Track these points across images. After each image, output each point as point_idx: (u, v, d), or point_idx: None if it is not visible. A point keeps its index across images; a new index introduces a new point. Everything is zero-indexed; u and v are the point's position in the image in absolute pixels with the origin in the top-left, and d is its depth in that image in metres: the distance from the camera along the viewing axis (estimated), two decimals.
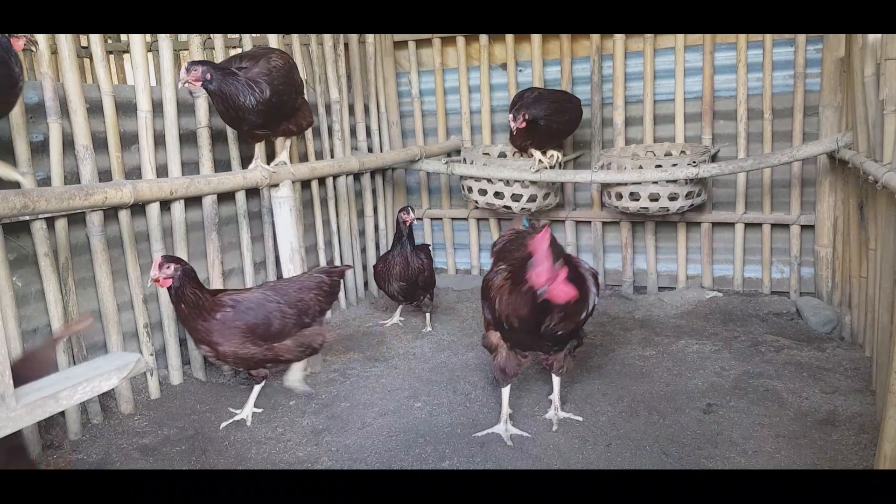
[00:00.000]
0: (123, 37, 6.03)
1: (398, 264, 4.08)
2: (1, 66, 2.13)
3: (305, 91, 3.73)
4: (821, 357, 3.52)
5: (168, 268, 2.75)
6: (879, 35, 2.93)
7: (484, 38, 4.95)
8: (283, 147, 3.68)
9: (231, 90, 3.06)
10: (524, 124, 4.09)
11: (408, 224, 4.09)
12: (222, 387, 3.49)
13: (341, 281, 3.38)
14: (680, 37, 4.48)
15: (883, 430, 2.22)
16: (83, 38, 5.29)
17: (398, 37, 5.20)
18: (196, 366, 3.56)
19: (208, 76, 3.01)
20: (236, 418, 3.08)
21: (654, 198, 4.22)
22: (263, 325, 2.92)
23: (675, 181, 4.12)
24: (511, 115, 4.12)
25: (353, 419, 3.08)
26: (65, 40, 2.91)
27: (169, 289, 2.80)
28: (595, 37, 4.67)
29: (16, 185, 2.53)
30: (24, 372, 1.67)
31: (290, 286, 3.13)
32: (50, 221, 2.90)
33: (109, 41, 6.27)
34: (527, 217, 3.50)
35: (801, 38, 4.20)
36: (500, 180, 4.52)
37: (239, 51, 3.91)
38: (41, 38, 2.75)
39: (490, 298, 2.79)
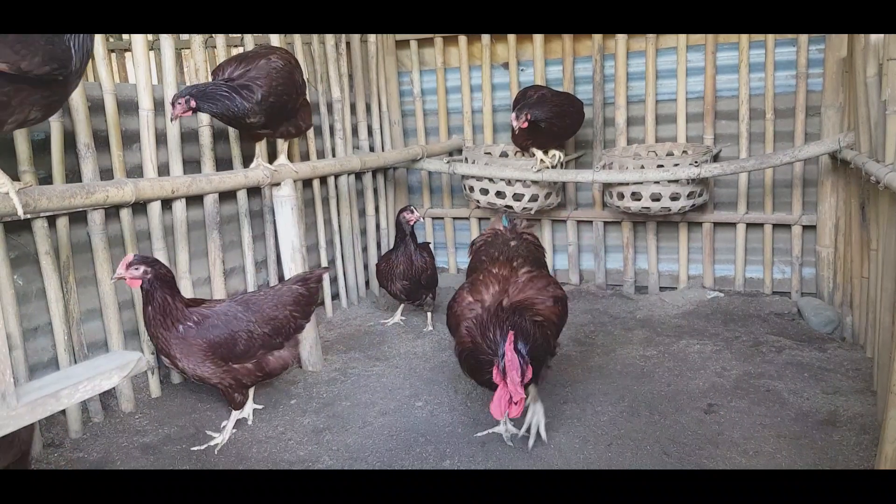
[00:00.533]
0: (125, 36, 6.03)
1: (402, 263, 4.08)
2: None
3: (307, 91, 3.73)
4: (822, 357, 3.52)
5: (137, 269, 2.65)
6: (882, 35, 2.92)
7: (486, 37, 4.94)
8: (282, 149, 3.67)
9: (219, 106, 3.03)
10: (526, 124, 4.09)
11: (411, 223, 4.09)
12: None
13: (320, 286, 3.24)
14: (682, 37, 4.47)
15: (884, 430, 2.22)
16: None
17: (400, 36, 5.19)
18: None
19: (192, 103, 2.99)
20: (211, 443, 2.89)
21: (655, 198, 4.22)
22: (227, 344, 2.79)
23: (676, 181, 4.11)
24: (514, 115, 4.12)
25: (353, 418, 3.08)
26: None
27: (141, 288, 2.71)
28: (597, 36, 4.66)
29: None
30: None
31: (266, 302, 2.96)
32: (51, 220, 2.90)
33: (111, 40, 6.28)
34: (506, 216, 3.42)
35: (804, 38, 4.19)
36: (501, 180, 4.52)
37: (241, 50, 3.92)
38: None
39: (454, 331, 2.70)
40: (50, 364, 2.98)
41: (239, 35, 4.57)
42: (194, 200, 3.51)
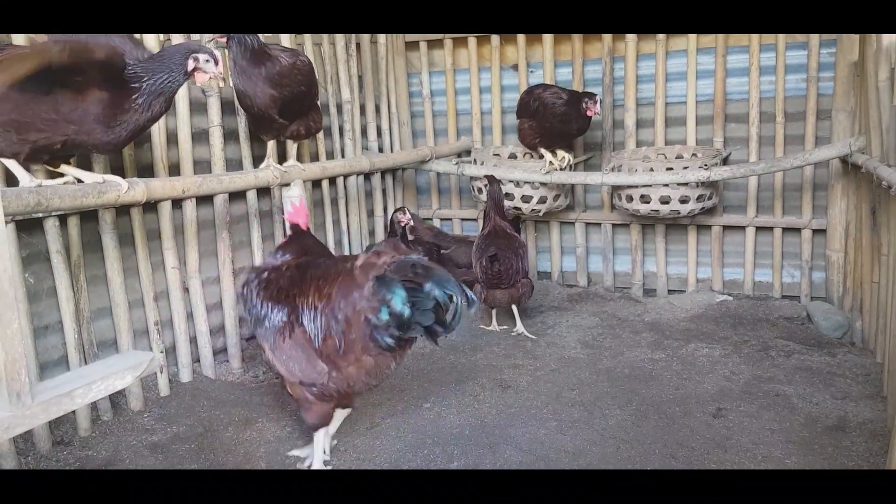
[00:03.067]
0: (136, 36, 6.04)
1: None
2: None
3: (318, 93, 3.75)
4: (831, 362, 3.50)
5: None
6: (894, 39, 2.91)
7: (496, 38, 4.94)
8: (292, 150, 3.69)
9: (244, 48, 3.12)
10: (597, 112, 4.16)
11: (403, 225, 4.10)
12: (232, 385, 3.50)
13: None
14: (692, 39, 4.46)
15: (894, 436, 2.21)
16: None
17: (410, 37, 5.20)
18: (206, 363, 3.57)
19: (223, 40, 3.13)
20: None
21: (664, 200, 4.21)
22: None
23: (686, 184, 4.10)
24: (592, 102, 4.15)
25: (361, 419, 3.08)
26: None
27: None
28: (607, 38, 4.66)
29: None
30: None
31: None
32: (62, 219, 2.92)
33: None
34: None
35: (815, 41, 4.17)
36: (510, 181, 4.52)
37: None
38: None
39: None
40: (60, 362, 2.99)
41: None
42: (204, 200, 3.53)
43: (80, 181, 2.53)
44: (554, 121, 4.25)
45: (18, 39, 2.75)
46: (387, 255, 2.29)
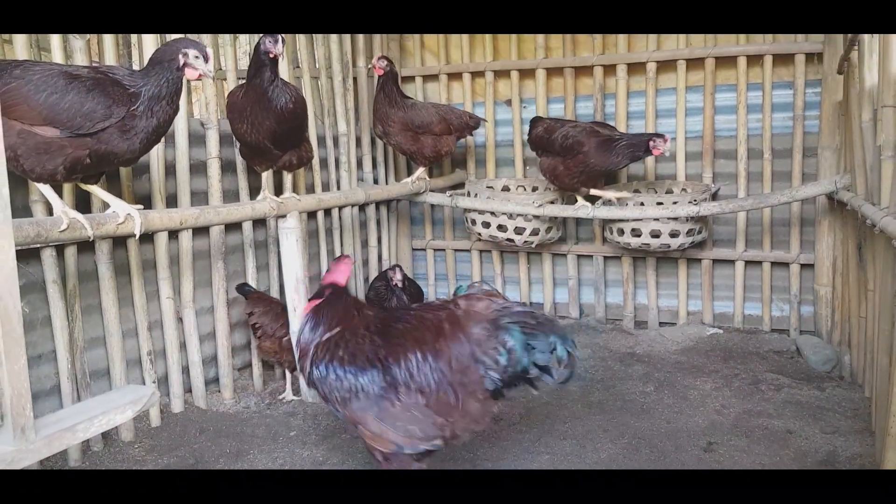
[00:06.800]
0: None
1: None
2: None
3: (314, 124, 3.80)
4: (820, 396, 3.53)
5: None
6: (876, 81, 3.00)
7: (489, 74, 5.04)
8: (288, 184, 3.73)
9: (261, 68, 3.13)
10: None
11: (394, 283, 4.26)
12: (223, 415, 3.49)
13: None
14: (681, 78, 4.56)
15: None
16: None
17: (405, 71, 5.29)
18: (198, 394, 3.56)
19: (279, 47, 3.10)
20: None
21: (655, 234, 4.27)
22: None
23: (676, 218, 4.17)
24: (663, 139, 4.01)
25: (354, 451, 3.08)
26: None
27: None
28: (598, 75, 4.76)
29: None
30: None
31: None
32: (59, 248, 2.94)
33: None
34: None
35: (801, 81, 4.28)
36: (503, 213, 4.57)
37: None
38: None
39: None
40: (52, 392, 2.99)
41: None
42: (200, 230, 3.56)
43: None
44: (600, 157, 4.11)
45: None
46: (485, 300, 2.34)
